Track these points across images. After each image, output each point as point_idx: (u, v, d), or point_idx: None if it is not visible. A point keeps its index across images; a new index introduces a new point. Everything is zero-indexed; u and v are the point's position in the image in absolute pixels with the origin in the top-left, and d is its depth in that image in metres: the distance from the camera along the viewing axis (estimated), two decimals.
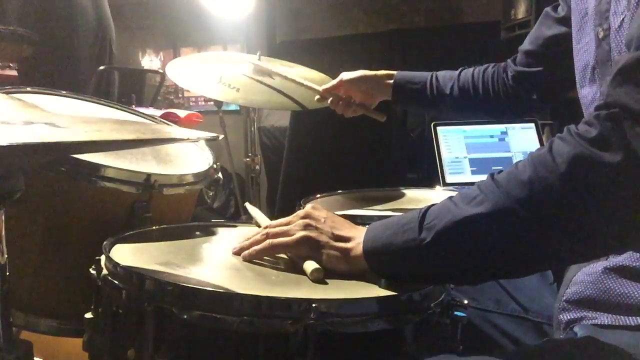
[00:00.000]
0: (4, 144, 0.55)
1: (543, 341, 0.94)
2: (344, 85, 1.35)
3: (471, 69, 1.31)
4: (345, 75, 1.35)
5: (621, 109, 0.63)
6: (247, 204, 1.16)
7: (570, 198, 0.65)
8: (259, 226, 0.99)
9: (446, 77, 1.31)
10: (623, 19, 0.73)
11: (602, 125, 0.64)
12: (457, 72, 1.31)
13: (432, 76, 1.32)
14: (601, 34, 0.79)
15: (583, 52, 0.87)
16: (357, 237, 0.77)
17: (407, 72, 1.35)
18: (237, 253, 0.85)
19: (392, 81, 1.33)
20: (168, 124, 1.39)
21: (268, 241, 0.82)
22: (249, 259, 0.82)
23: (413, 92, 1.33)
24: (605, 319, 0.78)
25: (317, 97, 1.39)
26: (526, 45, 1.20)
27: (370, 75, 1.35)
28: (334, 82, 1.37)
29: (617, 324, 0.77)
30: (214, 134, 0.79)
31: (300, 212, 0.84)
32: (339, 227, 0.81)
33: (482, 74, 1.29)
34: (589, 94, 0.86)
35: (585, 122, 0.67)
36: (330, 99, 1.37)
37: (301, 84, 1.44)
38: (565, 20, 1.04)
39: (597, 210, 0.65)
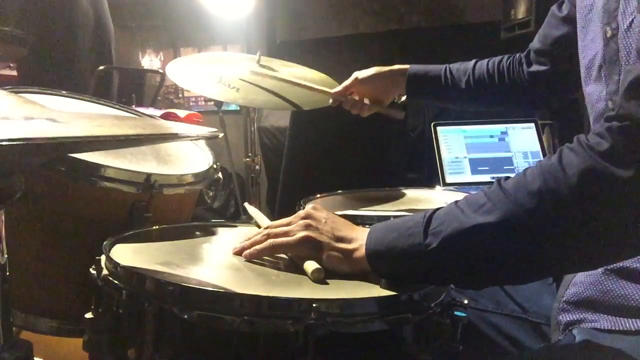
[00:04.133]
0: (4, 138, 0.54)
1: (541, 347, 0.94)
2: (357, 84, 1.33)
3: (485, 60, 1.31)
4: (361, 74, 1.33)
5: (633, 122, 0.63)
6: (246, 204, 1.16)
7: (580, 211, 0.65)
8: (259, 226, 0.99)
9: (460, 69, 1.31)
10: (633, 20, 0.73)
11: (613, 138, 0.64)
12: (472, 63, 1.31)
13: (446, 68, 1.32)
14: (609, 33, 0.78)
15: (588, 49, 0.87)
16: (359, 239, 0.77)
17: (421, 65, 1.34)
18: (238, 253, 0.85)
19: (405, 75, 1.32)
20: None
21: (269, 241, 0.82)
22: (250, 259, 0.82)
23: (427, 85, 1.32)
24: (604, 322, 0.78)
25: (331, 100, 1.36)
26: (536, 43, 1.21)
27: (385, 71, 1.33)
28: (348, 82, 1.34)
29: (616, 328, 0.77)
30: (214, 130, 0.79)
31: (301, 213, 0.84)
32: (339, 228, 0.81)
33: (497, 64, 1.29)
34: (594, 92, 0.86)
35: (596, 134, 0.66)
36: (345, 101, 1.34)
37: (313, 89, 1.40)
38: (570, 20, 1.04)
39: (606, 224, 0.64)
